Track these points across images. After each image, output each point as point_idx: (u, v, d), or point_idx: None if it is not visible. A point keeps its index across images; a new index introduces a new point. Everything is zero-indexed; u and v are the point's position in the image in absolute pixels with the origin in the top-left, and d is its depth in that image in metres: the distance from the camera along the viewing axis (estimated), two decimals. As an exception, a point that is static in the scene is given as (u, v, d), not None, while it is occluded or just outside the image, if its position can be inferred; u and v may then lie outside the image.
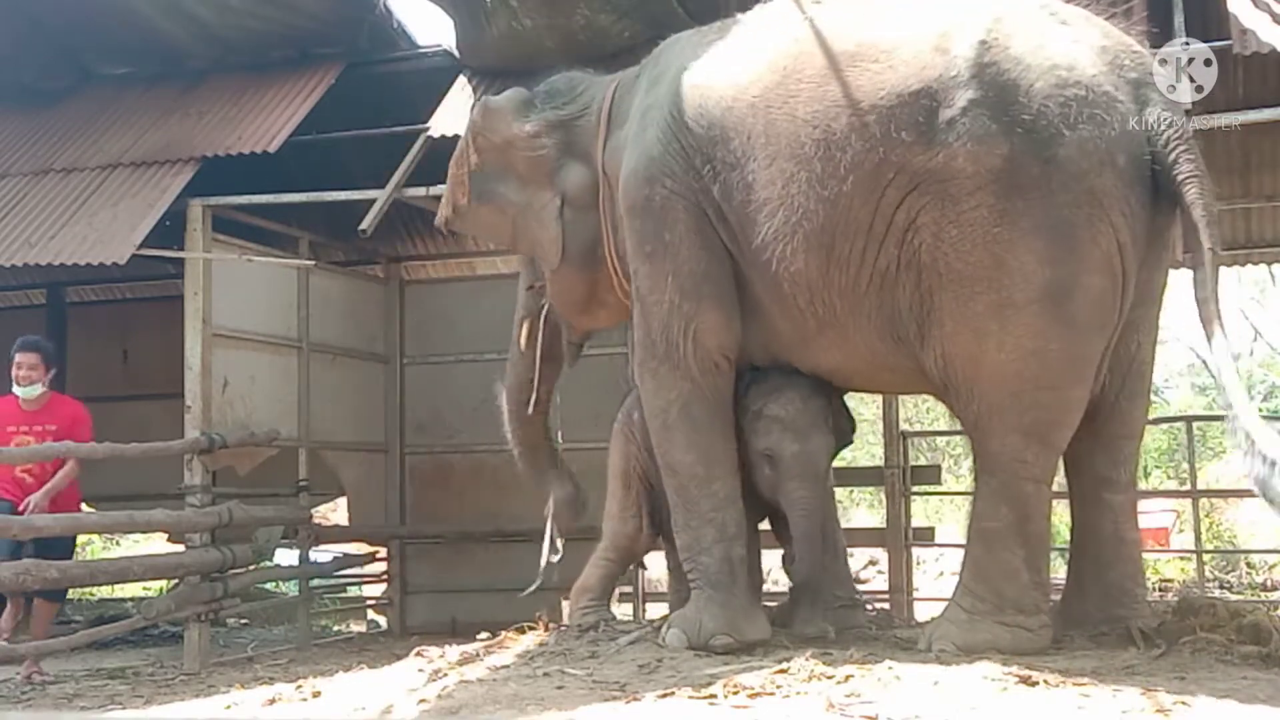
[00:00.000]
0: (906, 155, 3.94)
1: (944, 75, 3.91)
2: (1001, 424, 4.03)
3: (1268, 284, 19.05)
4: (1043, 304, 3.90)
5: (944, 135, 3.89)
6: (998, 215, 3.86)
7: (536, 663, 4.31)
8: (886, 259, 4.06)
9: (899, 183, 3.97)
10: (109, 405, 9.89)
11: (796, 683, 3.57)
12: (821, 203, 4.06)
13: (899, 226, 4.00)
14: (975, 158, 3.85)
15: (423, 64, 7.89)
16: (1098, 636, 4.23)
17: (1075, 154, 3.83)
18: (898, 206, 3.99)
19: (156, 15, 7.68)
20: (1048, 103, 3.84)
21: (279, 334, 7.65)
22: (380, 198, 6.80)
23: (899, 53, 4.00)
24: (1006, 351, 3.95)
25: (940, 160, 3.89)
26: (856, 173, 4.00)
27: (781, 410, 4.38)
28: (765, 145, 4.18)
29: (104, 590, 10.44)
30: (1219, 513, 11.46)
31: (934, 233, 3.95)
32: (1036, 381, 3.96)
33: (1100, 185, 3.86)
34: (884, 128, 3.95)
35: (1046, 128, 3.83)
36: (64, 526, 6.11)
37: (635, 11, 6.91)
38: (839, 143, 4.02)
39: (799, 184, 4.09)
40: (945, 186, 3.90)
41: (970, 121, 3.85)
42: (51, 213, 7.03)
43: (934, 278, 3.99)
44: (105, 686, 6.08)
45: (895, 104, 3.94)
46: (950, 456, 14.69)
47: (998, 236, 3.87)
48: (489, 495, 8.38)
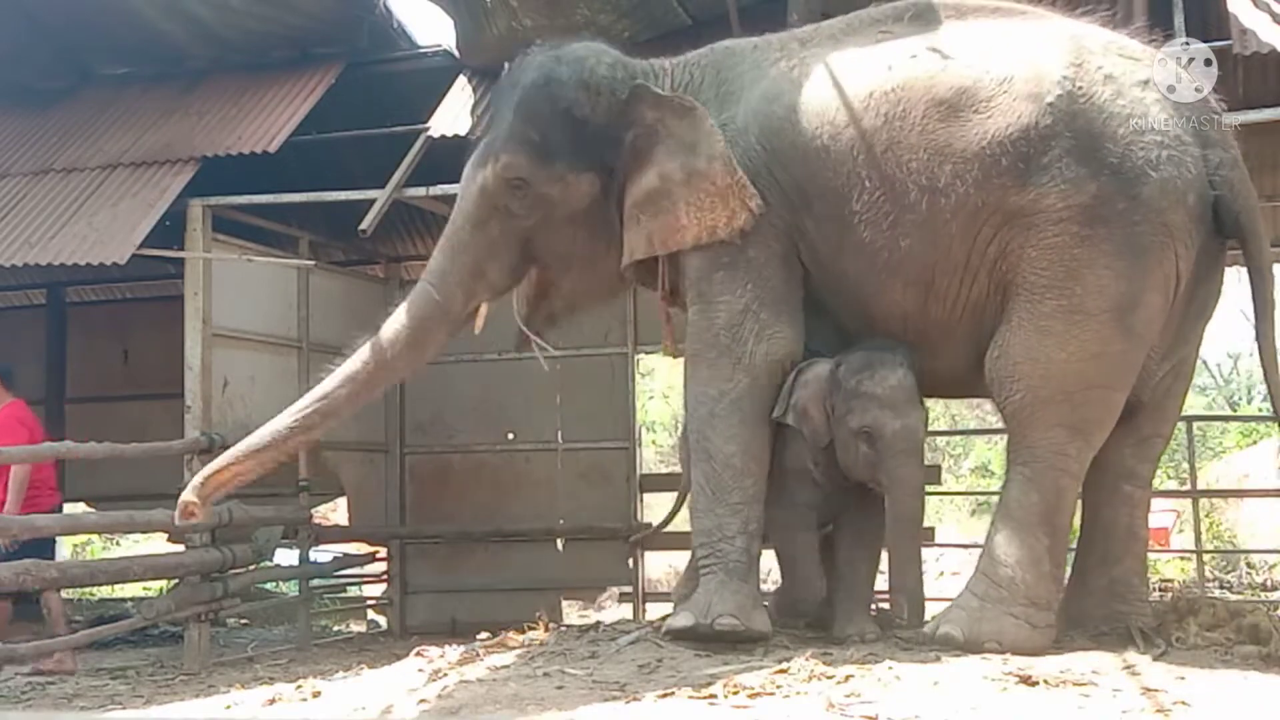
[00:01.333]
0: (1003, 197, 4.22)
1: (1039, 124, 4.19)
2: (1047, 417, 4.22)
3: (1268, 284, 19.01)
4: (1112, 314, 4.18)
5: (1038, 178, 4.19)
6: (1080, 240, 4.17)
7: (536, 663, 4.31)
8: (979, 290, 4.35)
9: (994, 221, 4.25)
10: (109, 405, 9.94)
11: (796, 683, 3.57)
12: (924, 243, 4.31)
13: (990, 258, 4.28)
14: (1065, 196, 4.17)
15: (423, 64, 7.89)
16: (1098, 636, 4.25)
17: (1157, 193, 4.18)
18: (991, 241, 4.27)
19: (156, 15, 7.68)
20: (1131, 147, 4.18)
21: (279, 334, 7.65)
22: (380, 198, 6.81)
23: (995, 102, 4.24)
24: (1068, 351, 4.19)
25: (1032, 199, 4.19)
26: (958, 217, 4.26)
27: (879, 387, 4.38)
28: (869, 187, 4.35)
29: (104, 590, 10.45)
30: (1219, 513, 11.46)
31: (1019, 256, 4.24)
32: (1092, 382, 4.20)
33: (1174, 220, 4.21)
34: (985, 173, 4.22)
35: (1132, 169, 4.17)
36: (64, 526, 6.12)
37: (635, 11, 6.92)
38: (943, 190, 4.26)
39: (903, 226, 4.31)
40: (1033, 219, 4.20)
41: (1063, 168, 4.18)
42: (51, 213, 7.03)
43: (1013, 291, 4.27)
44: (105, 686, 6.07)
45: (996, 152, 4.21)
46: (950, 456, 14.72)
47: (1077, 256, 4.18)
48: (489, 495, 8.39)
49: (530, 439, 8.29)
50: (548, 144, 4.56)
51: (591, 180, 4.61)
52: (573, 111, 4.57)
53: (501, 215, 4.63)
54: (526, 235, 4.67)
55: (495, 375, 8.27)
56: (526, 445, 8.33)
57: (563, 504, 8.07)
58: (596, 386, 8.14)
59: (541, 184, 4.58)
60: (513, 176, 4.57)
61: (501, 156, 4.58)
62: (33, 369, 10.21)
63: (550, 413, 8.00)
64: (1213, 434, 14.99)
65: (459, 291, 4.65)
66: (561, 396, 8.01)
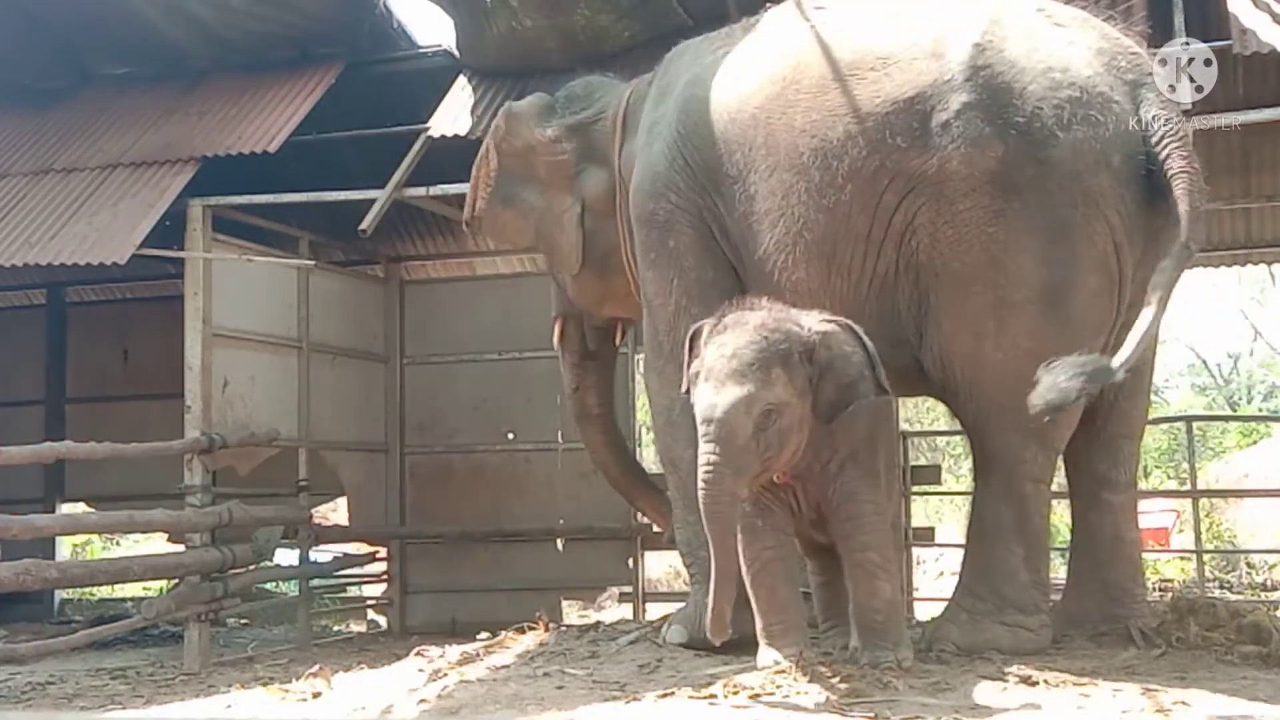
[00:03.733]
0: (902, 160, 3.97)
1: (938, 80, 3.95)
2: (1000, 424, 4.04)
3: (1268, 284, 19.06)
4: (1039, 303, 3.93)
5: (939, 139, 3.93)
6: (993, 215, 3.89)
7: (536, 663, 4.31)
8: (885, 264, 4.10)
9: (896, 187, 4.00)
10: (109, 405, 9.93)
11: (796, 683, 3.57)
12: (821, 211, 4.09)
13: (896, 230, 4.04)
14: (970, 160, 3.88)
15: (423, 64, 7.88)
16: (1098, 636, 4.24)
17: (1069, 155, 3.86)
18: (895, 210, 4.02)
19: (156, 15, 7.67)
20: (1042, 105, 3.87)
21: (279, 334, 7.65)
22: (380, 198, 6.80)
23: (895, 60, 4.03)
24: (1004, 351, 3.97)
25: (935, 163, 3.93)
26: (854, 180, 4.03)
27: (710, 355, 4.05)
28: (765, 157, 4.22)
29: (104, 590, 10.44)
30: (1219, 513, 11.46)
31: (930, 233, 3.98)
32: (1033, 381, 3.90)
33: (1095, 185, 3.89)
34: (880, 134, 3.99)
35: (1040, 129, 3.86)
36: (64, 526, 6.10)
37: (635, 11, 6.90)
38: (836, 151, 4.05)
39: (798, 194, 4.13)
40: (941, 188, 3.94)
41: (964, 125, 3.89)
42: (51, 213, 7.02)
43: (930, 277, 4.03)
44: (105, 686, 6.07)
45: (891, 110, 3.98)
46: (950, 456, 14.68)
47: (993, 236, 3.90)
48: (489, 495, 8.38)
49: (530, 439, 8.28)
50: None
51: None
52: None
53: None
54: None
55: (495, 375, 8.28)
56: (526, 445, 8.32)
57: (563, 504, 8.06)
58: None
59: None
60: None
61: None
62: (33, 369, 10.23)
63: (550, 413, 7.99)
64: (1213, 434, 14.98)
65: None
66: (561, 397, 8.00)
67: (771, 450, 3.58)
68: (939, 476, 8.83)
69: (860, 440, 3.78)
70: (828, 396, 3.62)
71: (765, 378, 3.53)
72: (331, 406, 8.03)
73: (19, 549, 7.06)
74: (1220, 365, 20.36)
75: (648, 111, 4.77)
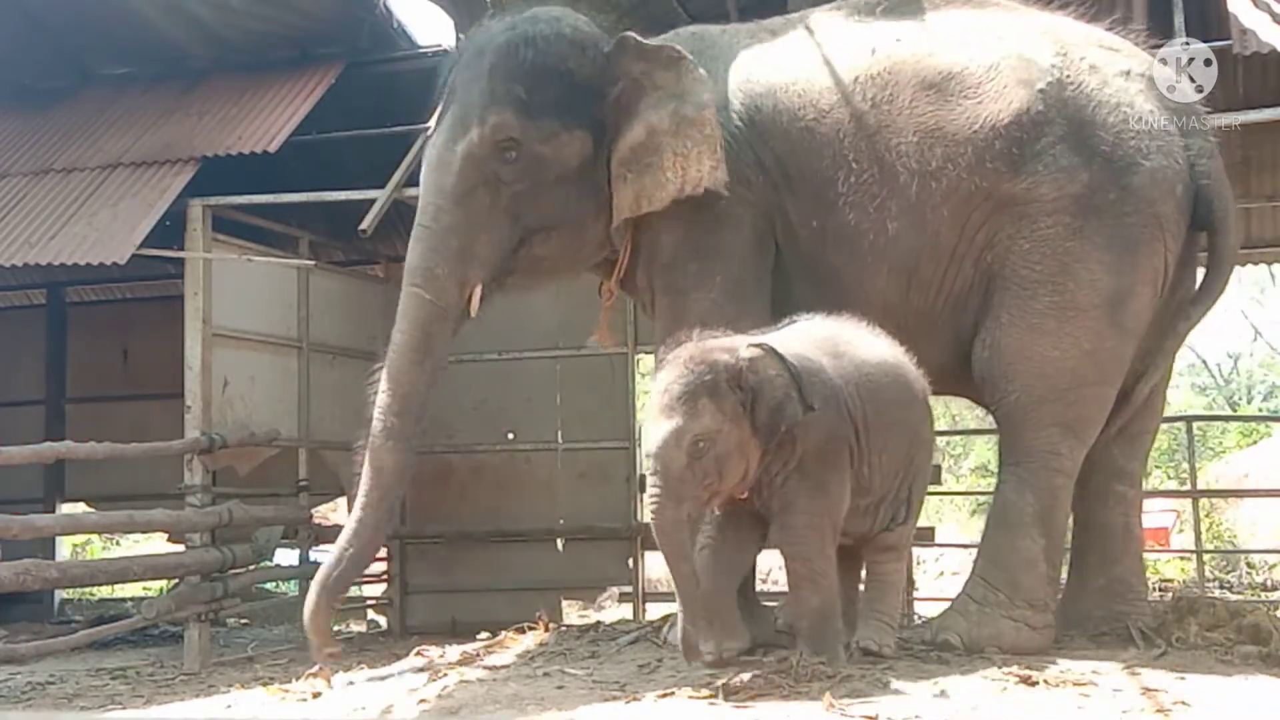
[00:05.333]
0: (996, 182, 4.18)
1: (1031, 109, 4.17)
2: (1041, 416, 4.19)
3: (1268, 284, 19.05)
4: (1104, 309, 4.17)
5: (1031, 164, 4.16)
6: (1072, 232, 4.15)
7: (536, 663, 4.31)
8: (963, 280, 4.29)
9: (985, 207, 4.21)
10: (109, 405, 9.93)
11: (796, 683, 3.57)
12: (911, 228, 4.25)
13: (978, 246, 4.24)
14: (1059, 185, 4.15)
15: (423, 64, 7.86)
16: (1098, 636, 4.25)
17: (1148, 183, 4.17)
18: (980, 228, 4.22)
19: (156, 15, 7.67)
20: (1121, 136, 4.17)
21: (279, 334, 7.64)
22: (380, 198, 6.80)
23: (985, 88, 4.22)
24: (1062, 349, 4.16)
25: (1026, 186, 4.16)
26: (950, 201, 4.21)
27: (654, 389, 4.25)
28: (856, 170, 4.29)
29: (104, 590, 10.45)
30: (1219, 513, 11.46)
31: (1007, 247, 4.20)
32: (1086, 379, 4.18)
33: (1164, 211, 4.21)
34: (979, 159, 4.18)
35: (1123, 158, 4.16)
36: (64, 526, 6.10)
37: (635, 11, 6.89)
38: (934, 172, 4.21)
39: (890, 209, 4.25)
40: (1026, 209, 4.17)
41: (1056, 154, 4.15)
42: (51, 213, 7.02)
43: (999, 284, 4.22)
44: (105, 686, 6.07)
45: (990, 137, 4.18)
46: (950, 456, 14.71)
47: (1069, 249, 4.16)
48: (489, 495, 8.38)
49: (530, 439, 8.27)
50: (535, 101, 4.32)
51: (582, 138, 4.39)
52: (559, 67, 4.37)
53: (490, 184, 4.37)
54: (515, 203, 4.41)
55: (495, 375, 8.27)
56: (526, 445, 8.32)
57: (563, 504, 8.06)
58: (596, 386, 8.13)
59: (533, 143, 4.33)
60: (504, 137, 4.32)
61: (489, 119, 4.31)
62: (33, 369, 10.23)
63: (550, 413, 8.00)
64: (1213, 434, 14.98)
65: (451, 282, 4.37)
66: (561, 396, 8.01)
67: (710, 477, 3.67)
68: (939, 476, 8.83)
69: (809, 454, 3.81)
70: (761, 419, 3.70)
71: (693, 409, 3.63)
72: (331, 406, 8.02)
73: (19, 549, 7.06)
74: (1220, 365, 20.36)
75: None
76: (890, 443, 3.95)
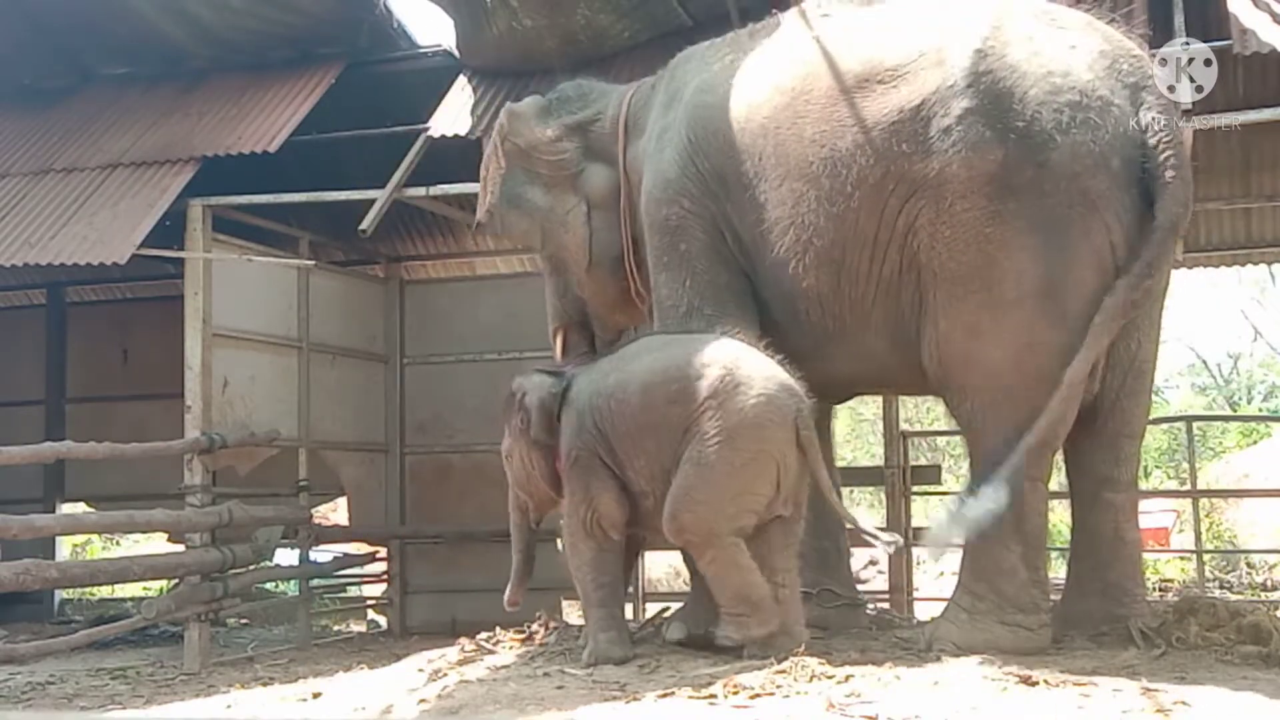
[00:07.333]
0: (906, 165, 4.06)
1: (941, 87, 4.04)
2: (998, 420, 4.07)
3: (1268, 284, 19.08)
4: (1035, 300, 3.98)
5: (940, 143, 4.01)
6: (990, 216, 3.96)
7: (536, 663, 4.31)
8: (890, 267, 4.18)
9: (899, 191, 4.09)
10: (109, 405, 9.94)
11: (796, 683, 3.57)
12: (830, 219, 4.20)
13: (899, 232, 4.12)
14: (969, 163, 3.96)
15: (423, 64, 7.88)
16: (1098, 636, 4.23)
17: (1068, 158, 3.92)
18: (899, 214, 4.11)
19: (156, 15, 7.68)
20: (1041, 109, 3.94)
21: (279, 334, 7.65)
22: (380, 198, 6.80)
23: (901, 70, 4.13)
24: (1001, 348, 4.02)
25: (936, 167, 4.01)
26: (862, 188, 4.13)
27: None
28: (775, 166, 4.31)
29: (104, 590, 10.45)
30: (1219, 513, 11.46)
31: (930, 234, 4.06)
32: (1031, 375, 4.00)
33: (1093, 187, 3.94)
34: (887, 143, 4.09)
35: (1040, 133, 3.92)
36: (64, 526, 6.10)
37: (635, 11, 6.90)
38: (845, 160, 4.15)
39: (808, 202, 4.23)
40: (940, 191, 4.02)
41: (965, 129, 3.97)
42: (51, 213, 7.03)
43: (929, 276, 4.10)
44: (105, 686, 6.08)
45: (898, 120, 4.08)
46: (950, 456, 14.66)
47: (990, 236, 3.97)
48: (489, 495, 8.32)
49: (530, 439, 8.26)
50: None
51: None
52: None
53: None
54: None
55: (495, 375, 8.24)
56: (526, 445, 8.31)
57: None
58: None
59: None
60: None
61: None
62: (33, 369, 10.24)
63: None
64: (1213, 434, 14.98)
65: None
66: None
67: (519, 484, 4.53)
68: (939, 476, 8.82)
69: (566, 462, 4.31)
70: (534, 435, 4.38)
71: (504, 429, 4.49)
72: (331, 406, 8.03)
73: (19, 549, 7.07)
74: (1220, 365, 20.37)
75: (655, 117, 4.81)
76: (649, 446, 4.12)
